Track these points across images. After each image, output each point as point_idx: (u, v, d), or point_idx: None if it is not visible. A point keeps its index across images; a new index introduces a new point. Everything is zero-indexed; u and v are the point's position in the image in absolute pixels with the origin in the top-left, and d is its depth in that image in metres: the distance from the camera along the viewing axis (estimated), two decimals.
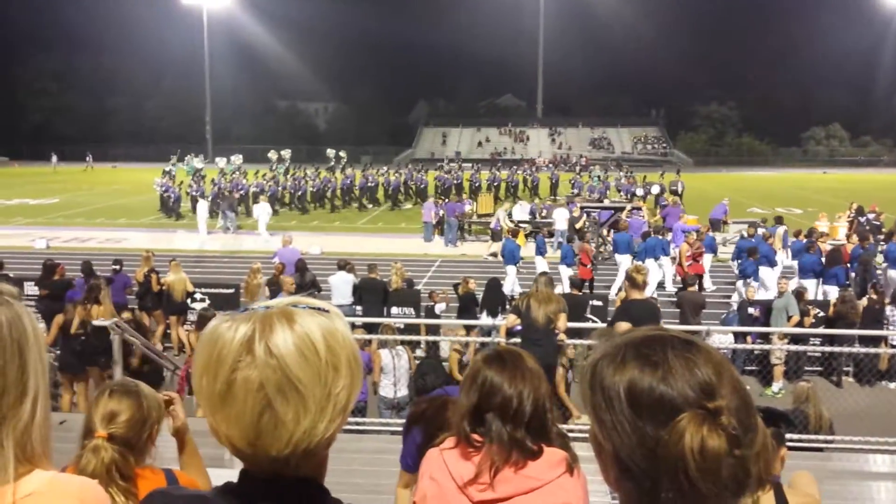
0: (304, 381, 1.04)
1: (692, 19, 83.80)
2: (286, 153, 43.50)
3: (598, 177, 35.38)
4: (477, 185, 34.23)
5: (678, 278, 15.80)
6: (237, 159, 41.30)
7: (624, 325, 7.41)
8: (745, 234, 17.35)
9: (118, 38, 78.63)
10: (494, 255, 21.14)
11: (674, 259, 16.87)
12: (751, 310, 12.08)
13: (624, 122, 78.96)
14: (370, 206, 32.76)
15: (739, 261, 15.53)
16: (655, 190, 29.35)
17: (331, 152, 43.93)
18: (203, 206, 25.03)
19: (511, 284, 15.72)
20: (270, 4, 78.06)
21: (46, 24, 77.71)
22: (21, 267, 16.22)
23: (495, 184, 33.98)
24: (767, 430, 2.50)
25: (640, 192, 28.44)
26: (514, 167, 41.66)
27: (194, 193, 28.43)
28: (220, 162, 41.19)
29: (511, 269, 16.19)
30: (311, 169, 34.91)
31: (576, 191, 30.83)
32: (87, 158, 60.06)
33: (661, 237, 17.11)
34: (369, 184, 33.15)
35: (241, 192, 29.48)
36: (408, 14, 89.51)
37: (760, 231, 17.97)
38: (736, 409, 0.97)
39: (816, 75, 79.37)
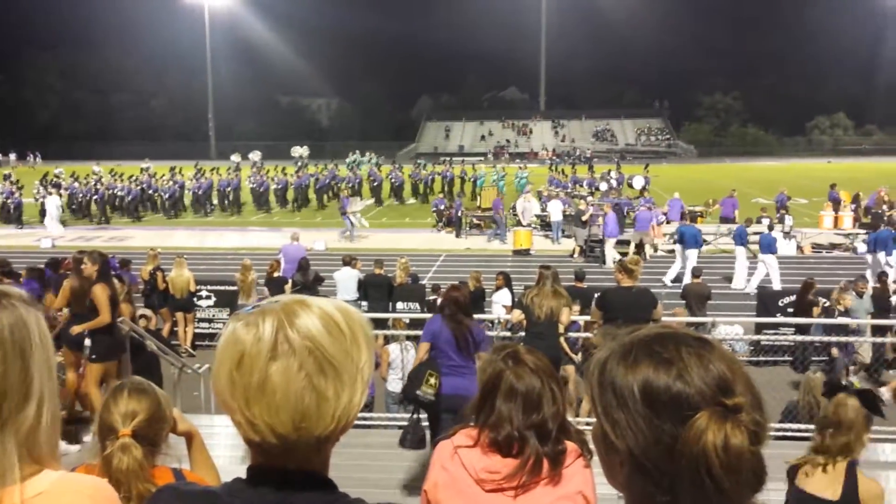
0: (337, 357, 1.10)
1: (695, 9, 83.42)
2: (304, 150, 42.30)
3: (563, 171, 36.72)
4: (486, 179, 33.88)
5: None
6: (255, 155, 40.78)
7: (596, 312, 7.39)
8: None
9: (122, 36, 78.90)
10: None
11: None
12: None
13: (627, 113, 78.49)
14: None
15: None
16: (639, 183, 29.07)
17: (296, 150, 42.66)
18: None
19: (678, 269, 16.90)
20: (271, 1, 78.10)
21: (51, 22, 77.80)
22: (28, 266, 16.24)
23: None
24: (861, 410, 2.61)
25: (603, 186, 28.30)
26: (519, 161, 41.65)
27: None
28: (254, 156, 40.65)
29: (692, 253, 16.72)
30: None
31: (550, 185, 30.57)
32: (35, 157, 60.58)
33: (893, 230, 16.61)
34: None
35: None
36: (409, 8, 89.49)
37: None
38: (752, 405, 0.98)
39: (821, 64, 79.09)
